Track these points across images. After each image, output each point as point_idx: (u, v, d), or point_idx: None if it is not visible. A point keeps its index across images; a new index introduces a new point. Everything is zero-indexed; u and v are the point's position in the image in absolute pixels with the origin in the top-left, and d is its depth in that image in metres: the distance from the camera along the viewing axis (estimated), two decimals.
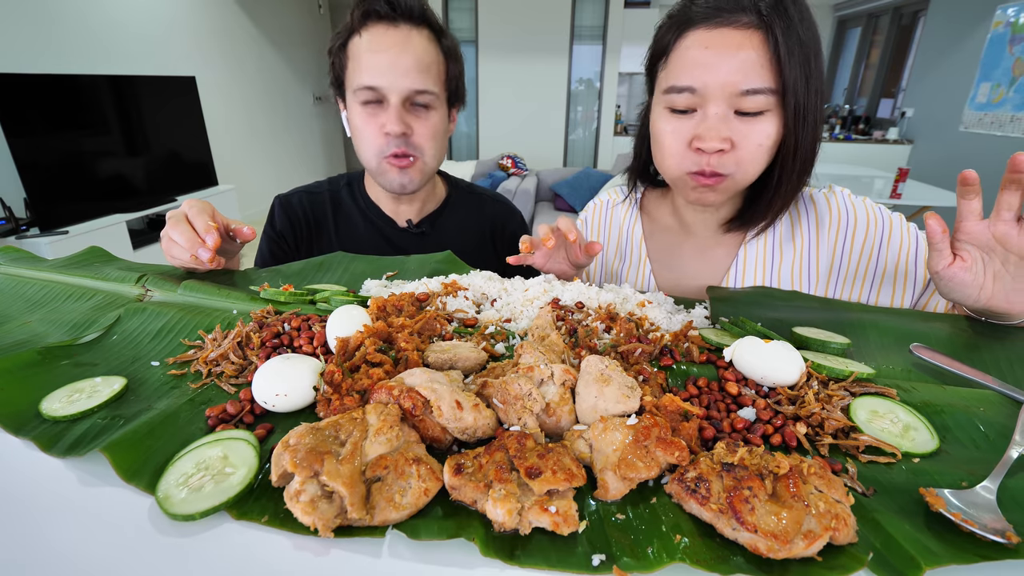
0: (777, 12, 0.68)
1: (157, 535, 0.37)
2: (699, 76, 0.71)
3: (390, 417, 0.43)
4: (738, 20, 0.69)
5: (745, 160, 0.74)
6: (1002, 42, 4.74)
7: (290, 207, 1.14)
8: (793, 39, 0.68)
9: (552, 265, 0.86)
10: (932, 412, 0.50)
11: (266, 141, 5.82)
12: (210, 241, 0.74)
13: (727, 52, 0.70)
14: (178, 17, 4.45)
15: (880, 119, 6.86)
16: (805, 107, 0.71)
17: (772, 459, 0.39)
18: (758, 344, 0.55)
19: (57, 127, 3.20)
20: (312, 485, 0.37)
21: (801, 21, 0.70)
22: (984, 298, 0.63)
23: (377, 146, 0.99)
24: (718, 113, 0.72)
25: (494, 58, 6.09)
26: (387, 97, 0.95)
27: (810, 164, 0.79)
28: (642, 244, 1.00)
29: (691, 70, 0.72)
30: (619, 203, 1.05)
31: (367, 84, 0.94)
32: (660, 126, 0.78)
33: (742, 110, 0.72)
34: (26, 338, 0.64)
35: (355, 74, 0.96)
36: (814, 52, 0.71)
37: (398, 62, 0.94)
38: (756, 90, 0.70)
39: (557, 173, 5.27)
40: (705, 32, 0.71)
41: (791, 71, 0.69)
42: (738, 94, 0.70)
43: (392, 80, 0.94)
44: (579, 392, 0.48)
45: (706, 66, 0.71)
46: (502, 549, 0.36)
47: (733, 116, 0.72)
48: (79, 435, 0.46)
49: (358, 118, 0.99)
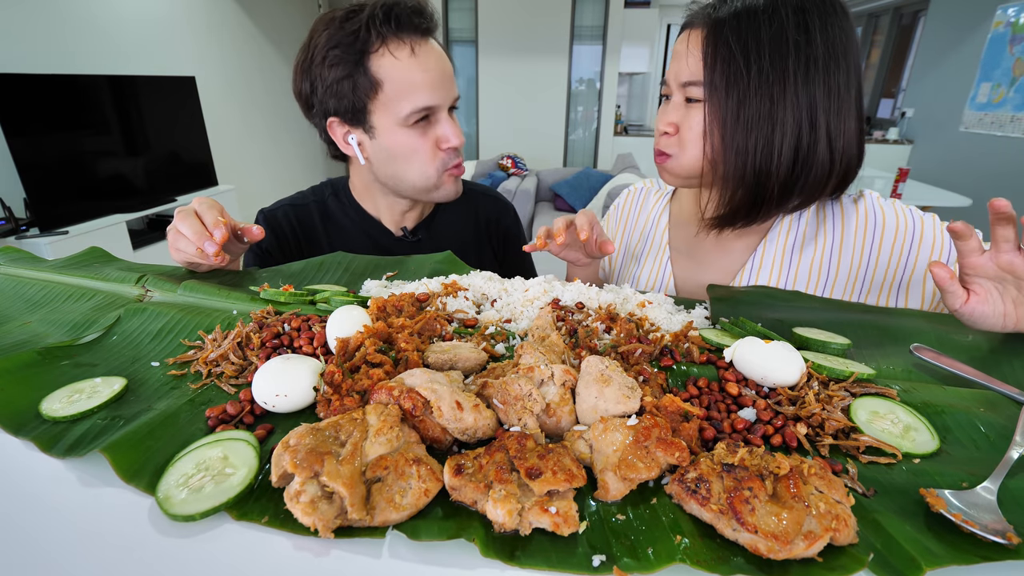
0: (733, 21, 0.76)
1: (157, 536, 0.37)
2: (672, 69, 0.84)
3: (390, 418, 0.43)
4: (696, 23, 0.80)
5: (684, 141, 0.84)
6: (1002, 42, 4.74)
7: (276, 222, 1.08)
8: (738, 39, 0.75)
9: (568, 253, 0.93)
10: (932, 412, 0.50)
11: (266, 141, 5.82)
12: (218, 235, 0.74)
13: (683, 50, 0.81)
14: (178, 17, 4.45)
15: (880, 119, 6.86)
16: (741, 106, 0.76)
17: (772, 460, 0.39)
18: (758, 344, 0.55)
19: (57, 127, 3.20)
20: (312, 486, 0.37)
21: (767, 26, 0.74)
22: (1011, 324, 0.64)
23: (438, 163, 0.97)
24: (677, 101, 0.84)
25: (494, 58, 6.09)
26: (437, 112, 0.93)
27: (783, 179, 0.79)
28: (665, 233, 1.04)
29: (671, 65, 0.86)
30: (652, 191, 1.11)
31: (425, 105, 0.90)
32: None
33: (688, 97, 0.82)
34: (26, 338, 0.64)
35: (402, 95, 0.89)
36: (778, 59, 0.74)
37: (444, 75, 0.92)
38: (689, 82, 0.80)
39: (557, 173, 5.27)
40: (682, 34, 0.84)
41: (720, 67, 0.76)
42: (681, 84, 0.81)
43: (444, 95, 0.93)
44: (579, 392, 0.48)
45: (676, 60, 0.83)
46: (502, 550, 0.36)
47: (683, 104, 0.83)
48: (79, 436, 0.46)
49: (408, 140, 0.93)
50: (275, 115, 6.00)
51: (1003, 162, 4.61)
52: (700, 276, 0.97)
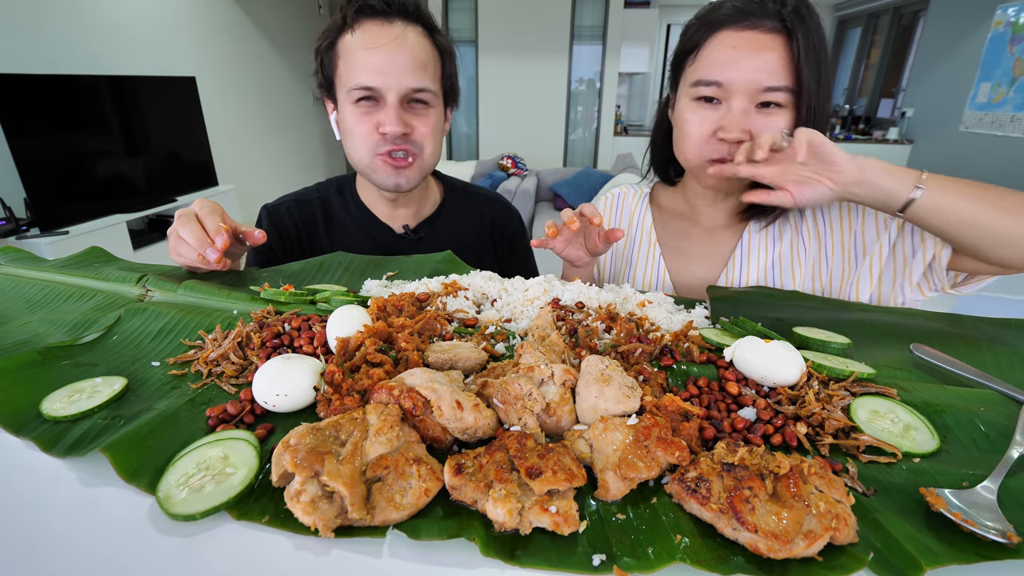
0: (798, 18, 0.76)
1: (158, 535, 0.37)
2: (726, 72, 0.79)
3: (390, 417, 0.43)
4: (763, 24, 0.77)
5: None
6: (1002, 42, 4.74)
7: (278, 217, 1.09)
8: (810, 43, 0.76)
9: (571, 251, 0.91)
10: (932, 412, 0.50)
11: (266, 141, 5.82)
12: (219, 242, 0.74)
13: (752, 52, 0.77)
14: (178, 17, 4.45)
15: (880, 119, 6.86)
16: (816, 106, 0.78)
17: (772, 459, 0.39)
18: (758, 344, 0.55)
19: (57, 127, 3.20)
20: (313, 485, 0.37)
21: (816, 29, 0.77)
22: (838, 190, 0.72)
23: (371, 144, 0.96)
24: (741, 107, 0.79)
25: (494, 58, 6.09)
26: (384, 96, 0.93)
27: None
28: (651, 231, 1.05)
29: (719, 66, 0.80)
30: (629, 195, 1.11)
31: (363, 84, 0.92)
32: (686, 116, 0.85)
33: (761, 103, 0.79)
34: (27, 338, 0.64)
35: (348, 73, 0.93)
36: (824, 56, 0.78)
37: (395, 60, 0.91)
38: (776, 88, 0.77)
39: (557, 173, 5.27)
40: (733, 33, 0.79)
41: (807, 72, 0.76)
42: (760, 90, 0.78)
43: (389, 79, 0.92)
44: (579, 392, 0.48)
45: (733, 63, 0.78)
46: (502, 549, 0.36)
47: (753, 110, 0.80)
48: (80, 435, 0.46)
49: (350, 117, 0.95)
50: (275, 115, 6.00)
51: (1003, 162, 4.62)
52: (693, 267, 1.00)
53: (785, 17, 0.76)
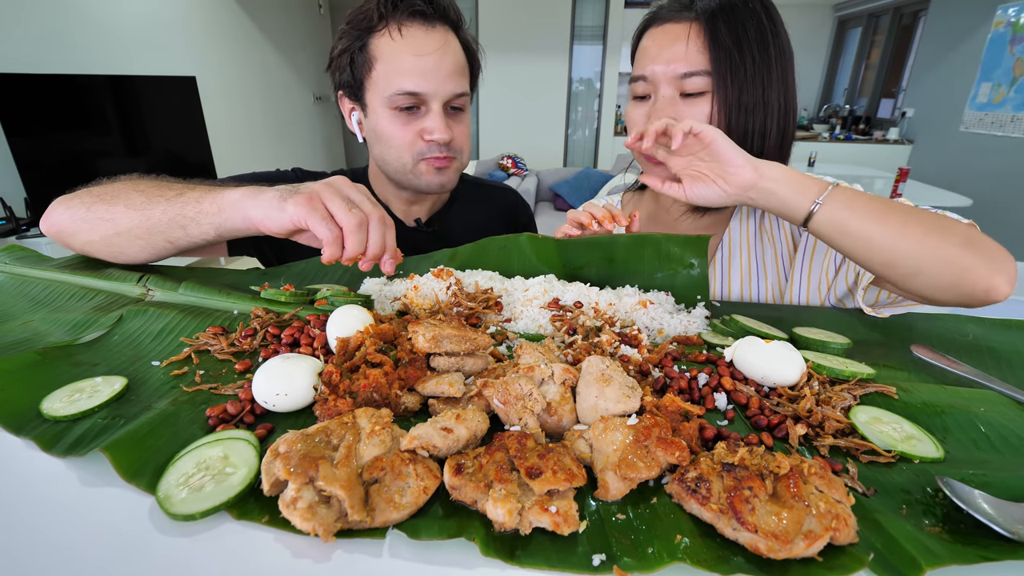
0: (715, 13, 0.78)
1: (158, 535, 0.37)
2: (649, 66, 0.82)
3: (382, 419, 0.43)
4: (681, 16, 0.81)
5: None
6: (1002, 42, 4.73)
7: None
8: (736, 29, 0.78)
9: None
10: (932, 413, 0.50)
11: (266, 141, 5.82)
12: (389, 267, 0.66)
13: (669, 43, 0.81)
14: (178, 17, 4.44)
15: (880, 119, 6.85)
16: (741, 93, 0.79)
17: (773, 459, 0.39)
18: (758, 344, 0.55)
19: (57, 127, 3.20)
20: (308, 491, 0.37)
21: (750, 15, 0.79)
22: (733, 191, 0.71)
23: (415, 150, 0.95)
24: (666, 96, 0.82)
25: (494, 58, 6.06)
26: (428, 103, 0.92)
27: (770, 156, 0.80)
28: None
29: (644, 61, 0.84)
30: (603, 202, 1.11)
31: (409, 90, 0.90)
32: (628, 112, 0.90)
33: (685, 91, 0.81)
34: (27, 337, 0.64)
35: (389, 78, 0.90)
36: (763, 42, 0.79)
37: (441, 66, 0.90)
38: (692, 72, 0.79)
39: (557, 173, 5.26)
40: (655, 29, 0.84)
41: (723, 56, 0.78)
42: (677, 77, 0.80)
43: (436, 85, 0.91)
44: (580, 392, 0.48)
45: (654, 57, 0.82)
46: (502, 549, 0.36)
47: (680, 100, 0.82)
48: (80, 435, 0.46)
49: (390, 123, 0.93)
50: (275, 115, 5.99)
51: (1003, 162, 4.61)
52: None
53: (698, 6, 0.79)
